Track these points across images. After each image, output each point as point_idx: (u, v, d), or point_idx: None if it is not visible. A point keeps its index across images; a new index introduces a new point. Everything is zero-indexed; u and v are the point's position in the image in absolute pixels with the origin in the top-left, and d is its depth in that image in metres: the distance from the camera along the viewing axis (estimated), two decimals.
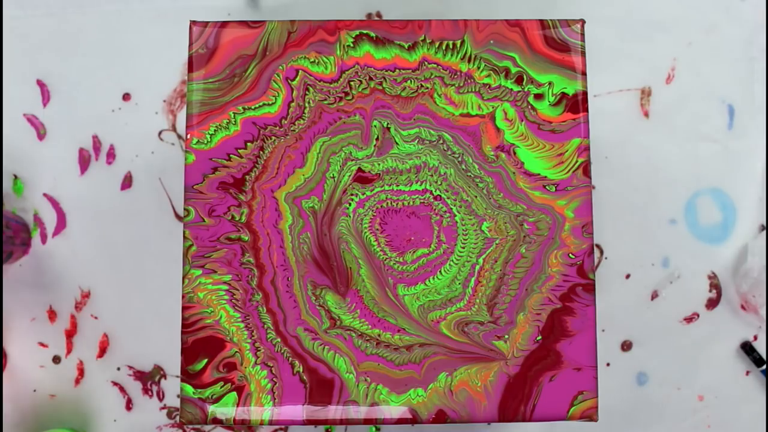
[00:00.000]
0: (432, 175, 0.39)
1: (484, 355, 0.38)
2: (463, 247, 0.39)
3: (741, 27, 0.57)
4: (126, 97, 0.56)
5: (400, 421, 0.38)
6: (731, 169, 0.56)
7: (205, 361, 0.38)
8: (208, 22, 0.40)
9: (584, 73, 0.40)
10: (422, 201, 0.39)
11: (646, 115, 0.57)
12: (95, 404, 0.55)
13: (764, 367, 0.54)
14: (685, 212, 0.56)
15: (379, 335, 0.38)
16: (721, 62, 0.57)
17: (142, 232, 0.55)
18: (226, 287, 0.39)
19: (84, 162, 0.56)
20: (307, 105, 0.40)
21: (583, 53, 0.40)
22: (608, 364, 0.55)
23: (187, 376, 0.38)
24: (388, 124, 0.40)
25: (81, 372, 0.55)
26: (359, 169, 0.39)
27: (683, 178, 0.56)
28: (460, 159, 0.39)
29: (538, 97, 0.40)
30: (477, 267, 0.39)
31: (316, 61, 0.40)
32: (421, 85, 0.40)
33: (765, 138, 0.56)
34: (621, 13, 0.57)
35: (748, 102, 0.57)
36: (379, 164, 0.40)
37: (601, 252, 0.56)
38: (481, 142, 0.40)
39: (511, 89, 0.40)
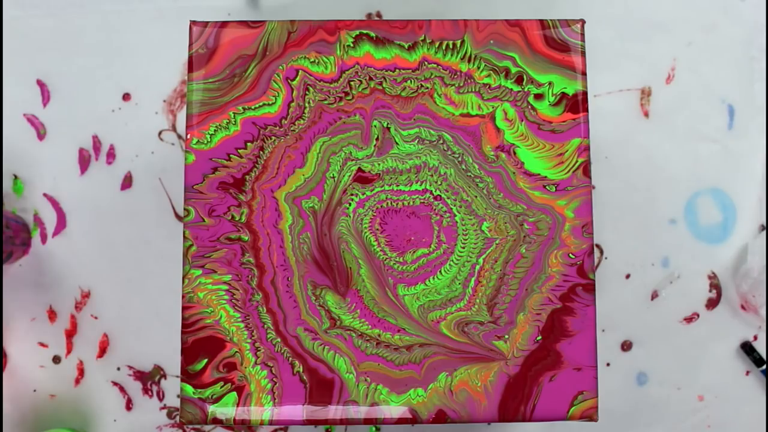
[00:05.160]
0: (432, 175, 0.39)
1: (484, 355, 0.38)
2: (463, 247, 0.39)
3: (741, 27, 0.57)
4: (126, 97, 0.56)
5: (400, 421, 0.38)
6: (731, 169, 0.56)
7: (205, 361, 0.38)
8: (208, 22, 0.40)
9: (584, 73, 0.40)
10: (422, 201, 0.39)
11: (646, 115, 0.57)
12: (95, 404, 0.55)
13: (764, 367, 0.54)
14: (685, 212, 0.56)
15: (379, 335, 0.38)
16: (721, 62, 0.57)
17: (142, 232, 0.55)
18: (226, 287, 0.39)
19: (84, 162, 0.56)
20: (307, 105, 0.40)
21: (583, 53, 0.40)
22: (608, 364, 0.55)
23: (187, 376, 0.38)
24: (388, 124, 0.40)
25: (81, 372, 0.55)
26: (359, 169, 0.39)
27: (683, 178, 0.56)
28: (460, 159, 0.39)
29: (538, 97, 0.40)
30: (477, 267, 0.39)
31: (316, 61, 0.40)
32: (421, 85, 0.40)
33: (765, 138, 0.56)
34: (621, 13, 0.57)
35: (748, 102, 0.57)
36: (379, 164, 0.40)
37: (601, 252, 0.56)
38: (481, 142, 0.40)
39: (511, 89, 0.40)
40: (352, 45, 0.40)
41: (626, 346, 0.55)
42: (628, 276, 0.56)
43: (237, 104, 0.40)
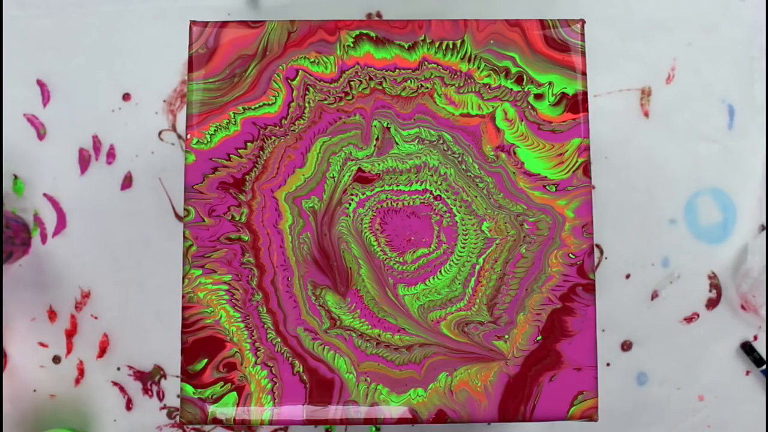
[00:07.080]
0: (432, 175, 0.39)
1: (484, 355, 0.38)
2: (463, 247, 0.39)
3: (741, 27, 0.57)
4: (126, 97, 0.56)
5: (400, 421, 0.38)
6: (731, 169, 0.56)
7: (205, 361, 0.38)
8: (208, 22, 0.40)
9: (584, 73, 0.40)
10: (422, 201, 0.39)
11: (646, 115, 0.57)
12: (95, 404, 0.55)
13: (764, 367, 0.54)
14: (685, 212, 0.56)
15: (379, 335, 0.38)
16: (721, 62, 0.57)
17: (142, 232, 0.55)
18: (226, 287, 0.39)
19: (84, 162, 0.56)
20: (307, 105, 0.40)
21: (583, 53, 0.40)
22: (608, 364, 0.55)
23: (187, 376, 0.38)
24: (388, 124, 0.40)
25: (81, 372, 0.55)
26: (359, 169, 0.39)
27: (683, 178, 0.56)
28: (460, 159, 0.39)
29: (538, 97, 0.40)
30: (477, 267, 0.39)
31: (316, 61, 0.40)
32: (421, 85, 0.40)
33: (765, 138, 0.56)
34: (621, 13, 0.57)
35: (748, 102, 0.57)
36: (379, 164, 0.40)
37: (601, 252, 0.56)
38: (481, 142, 0.40)
39: (511, 89, 0.40)
40: (352, 45, 0.40)
41: (626, 346, 0.55)
42: (628, 276, 0.56)
43: (237, 104, 0.40)
